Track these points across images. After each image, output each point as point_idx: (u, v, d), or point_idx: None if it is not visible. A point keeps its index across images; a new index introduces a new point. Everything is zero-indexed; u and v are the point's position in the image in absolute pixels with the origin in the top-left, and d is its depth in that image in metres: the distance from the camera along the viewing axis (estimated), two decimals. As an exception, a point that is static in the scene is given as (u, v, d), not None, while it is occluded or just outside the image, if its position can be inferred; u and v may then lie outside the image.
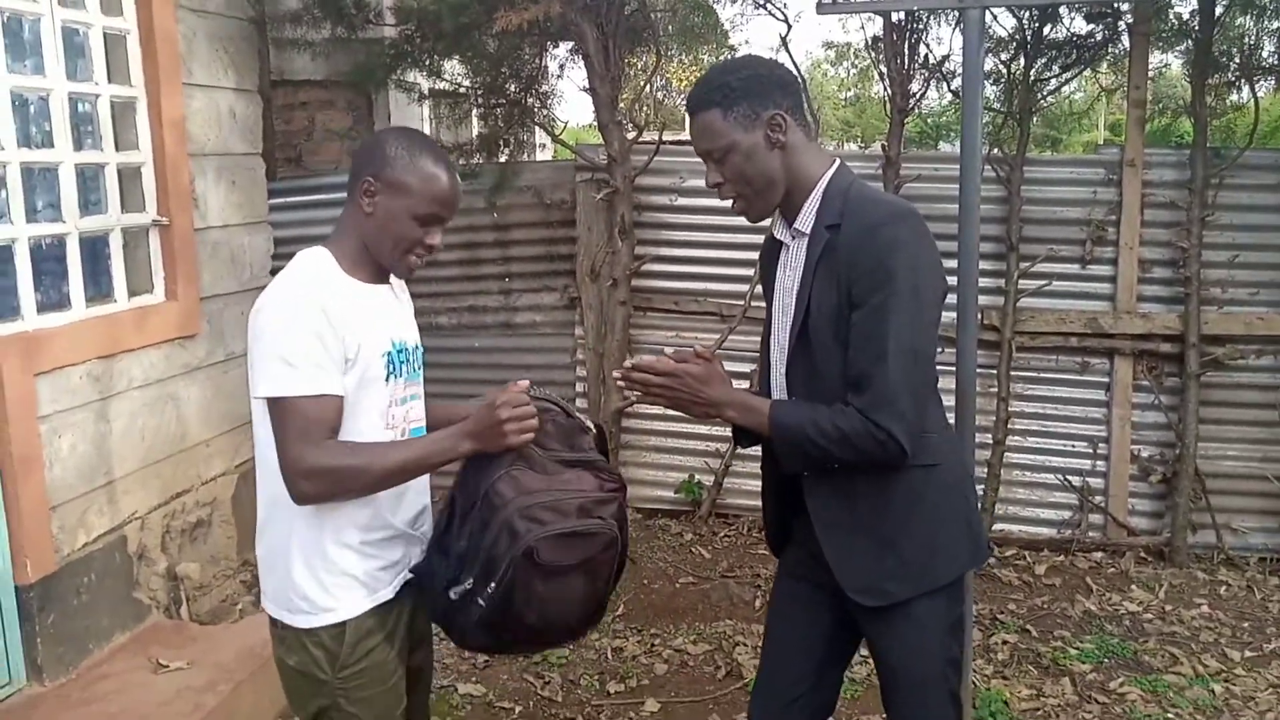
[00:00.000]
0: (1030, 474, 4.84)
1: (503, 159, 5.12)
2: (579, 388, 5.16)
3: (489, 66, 4.86)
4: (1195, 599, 4.24)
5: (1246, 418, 4.63)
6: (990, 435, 4.67)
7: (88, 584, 3.21)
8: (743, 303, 4.90)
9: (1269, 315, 4.54)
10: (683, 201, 4.98)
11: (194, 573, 3.62)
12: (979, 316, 3.94)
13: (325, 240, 1.86)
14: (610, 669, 3.63)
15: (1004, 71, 4.80)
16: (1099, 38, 4.69)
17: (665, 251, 5.05)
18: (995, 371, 4.65)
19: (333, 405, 1.73)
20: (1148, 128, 4.82)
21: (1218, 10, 4.41)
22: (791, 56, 5.55)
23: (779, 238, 2.01)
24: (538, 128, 5.29)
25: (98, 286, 3.39)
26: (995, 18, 4.78)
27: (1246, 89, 4.65)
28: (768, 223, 2.05)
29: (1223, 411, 4.64)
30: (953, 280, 2.15)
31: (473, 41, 4.64)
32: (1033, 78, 4.71)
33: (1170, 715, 3.33)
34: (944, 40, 13.97)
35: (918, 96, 4.86)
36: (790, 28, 4.94)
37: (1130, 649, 3.77)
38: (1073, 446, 4.80)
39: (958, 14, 4.23)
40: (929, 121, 9.21)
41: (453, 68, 5.12)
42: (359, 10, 4.70)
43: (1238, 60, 4.57)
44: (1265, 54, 4.60)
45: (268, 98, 5.32)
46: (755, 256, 2.54)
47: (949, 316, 2.28)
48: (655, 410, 4.95)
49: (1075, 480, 4.77)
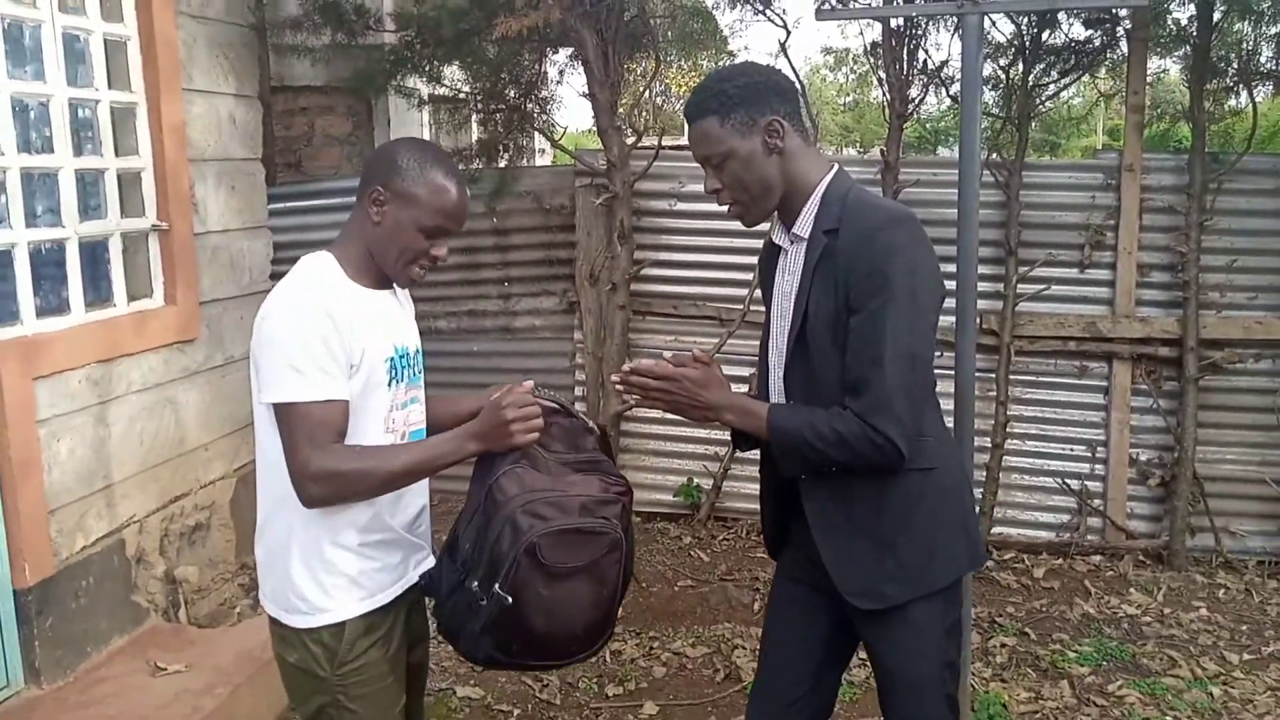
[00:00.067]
0: (1029, 477, 4.85)
1: (502, 164, 5.13)
2: (578, 391, 5.16)
3: (489, 72, 4.87)
4: (1194, 602, 4.25)
5: (1245, 421, 4.63)
6: (989, 439, 4.67)
7: (86, 587, 3.21)
8: (741, 307, 4.89)
9: (1267, 319, 4.54)
10: (682, 206, 4.99)
11: (192, 576, 3.63)
12: (978, 321, 3.94)
13: (330, 245, 1.87)
14: (609, 672, 3.63)
15: (1003, 77, 4.81)
16: (1097, 43, 4.69)
17: (664, 256, 5.06)
18: (994, 375, 4.65)
19: (339, 410, 1.74)
20: (1146, 133, 4.83)
21: (1216, 16, 4.41)
22: (790, 62, 5.55)
23: (778, 242, 2.01)
24: (537, 133, 5.30)
25: (97, 291, 3.39)
26: (994, 23, 4.78)
27: (1244, 94, 4.66)
28: (766, 227, 2.05)
29: (1221, 415, 4.64)
30: (951, 284, 2.16)
31: (472, 47, 4.66)
32: (1031, 83, 4.72)
33: (1169, 718, 3.33)
34: (943, 46, 14.07)
35: (916, 102, 4.87)
36: (789, 33, 4.94)
37: (1129, 652, 3.77)
38: (1071, 450, 4.80)
39: (956, 19, 4.24)
40: (928, 127, 9.24)
41: (452, 73, 5.13)
42: (359, 16, 4.73)
43: (1236, 65, 4.58)
44: (1263, 59, 4.60)
45: (268, 103, 5.33)
46: (754, 261, 2.55)
47: (948, 320, 2.29)
48: (654, 414, 4.95)
49: (1074, 484, 4.78)
